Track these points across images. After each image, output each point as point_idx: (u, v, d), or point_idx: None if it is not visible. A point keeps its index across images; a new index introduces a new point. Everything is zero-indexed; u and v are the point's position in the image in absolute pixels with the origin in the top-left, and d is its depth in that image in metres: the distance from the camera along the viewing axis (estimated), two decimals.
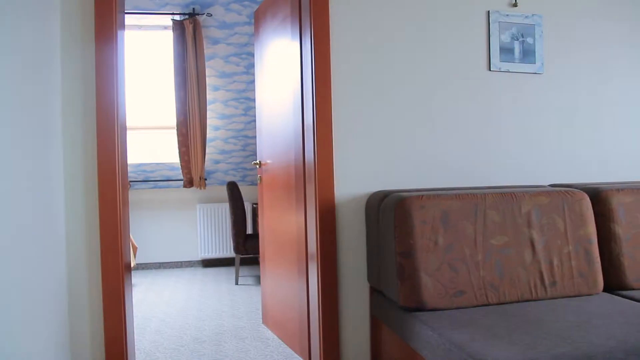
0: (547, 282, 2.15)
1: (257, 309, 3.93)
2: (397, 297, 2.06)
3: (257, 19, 3.49)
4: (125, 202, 2.45)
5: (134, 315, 2.72)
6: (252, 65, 5.31)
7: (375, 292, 2.43)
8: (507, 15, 2.70)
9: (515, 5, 2.71)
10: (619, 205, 2.36)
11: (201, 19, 5.19)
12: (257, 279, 5.05)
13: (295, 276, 2.86)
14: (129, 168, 5.41)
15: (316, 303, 2.51)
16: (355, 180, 2.49)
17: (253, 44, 5.18)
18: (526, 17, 2.72)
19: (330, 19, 2.47)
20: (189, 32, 5.17)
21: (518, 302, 2.11)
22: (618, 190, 2.40)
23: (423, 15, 2.59)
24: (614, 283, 2.32)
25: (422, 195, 2.09)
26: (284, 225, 3.04)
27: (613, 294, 2.29)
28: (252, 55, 5.27)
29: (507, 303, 2.09)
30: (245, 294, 4.43)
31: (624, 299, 2.13)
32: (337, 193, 2.47)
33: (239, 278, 5.10)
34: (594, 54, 2.89)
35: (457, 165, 2.64)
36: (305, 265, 2.69)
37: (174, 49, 5.29)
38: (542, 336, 1.66)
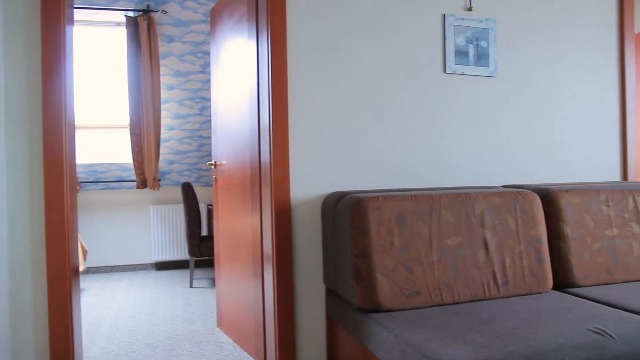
0: (499, 281, 2.19)
1: (212, 312, 3.86)
2: (353, 298, 2.05)
3: (214, 17, 3.43)
4: (74, 204, 2.36)
5: (83, 321, 2.62)
6: (208, 64, 5.23)
7: (331, 294, 2.41)
8: (462, 19, 2.73)
9: (470, 9, 2.76)
10: (567, 206, 2.42)
11: (156, 16, 5.07)
12: (212, 282, 4.97)
13: (251, 278, 2.82)
14: (79, 168, 5.28)
15: (272, 305, 2.48)
16: (311, 181, 2.48)
17: (209, 43, 5.11)
18: (480, 21, 2.77)
19: (287, 18, 2.45)
20: (143, 29, 5.05)
21: (472, 301, 2.13)
22: (567, 191, 2.46)
23: (380, 17, 2.60)
24: (562, 281, 2.38)
25: (378, 197, 2.09)
26: (239, 227, 3.00)
27: (561, 291, 2.35)
28: (208, 54, 5.19)
29: (461, 302, 2.11)
30: (200, 297, 4.35)
31: (572, 296, 2.19)
32: (293, 194, 2.45)
33: (194, 281, 5.01)
34: (545, 58, 2.96)
35: (413, 166, 2.65)
36: (261, 267, 2.65)
37: (127, 47, 5.15)
38: (495, 335, 1.68)
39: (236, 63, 2.99)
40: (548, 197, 2.45)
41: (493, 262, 2.19)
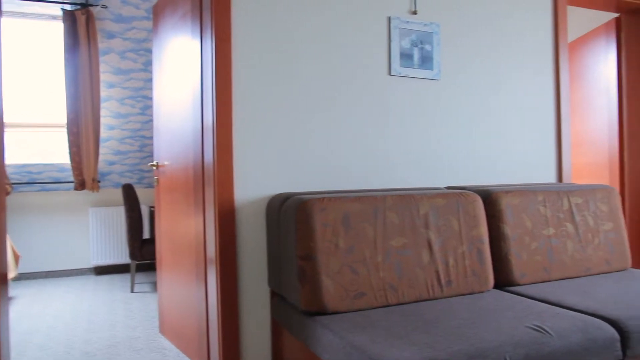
0: (443, 281, 2.22)
1: (154, 317, 3.75)
2: (298, 301, 2.03)
3: (156, 14, 3.33)
4: (2, 206, 2.23)
5: (13, 331, 2.48)
6: (151, 62, 5.08)
7: (276, 297, 2.38)
8: (407, 22, 2.76)
9: (415, 12, 2.79)
10: (507, 207, 2.49)
11: (95, 10, 4.88)
12: (154, 286, 4.83)
13: (194, 282, 2.75)
14: (11, 169, 5.02)
15: (215, 309, 2.42)
16: (256, 182, 2.44)
17: (152, 40, 4.96)
18: (425, 24, 2.81)
19: (232, 18, 2.40)
20: (81, 23, 4.85)
21: (416, 302, 2.15)
22: (507, 192, 2.53)
23: (327, 19, 2.59)
24: (503, 280, 2.44)
25: (324, 198, 2.08)
26: (182, 229, 2.92)
27: (502, 290, 2.41)
28: (151, 51, 5.04)
29: (405, 303, 2.13)
30: (142, 302, 4.22)
31: (512, 295, 2.24)
32: (237, 196, 2.40)
33: (135, 285, 4.85)
34: (486, 63, 3.04)
35: (358, 168, 2.66)
36: (204, 271, 2.59)
37: (64, 41, 4.93)
38: (439, 335, 1.70)
39: (179, 62, 2.91)
40: (489, 198, 2.51)
41: (437, 263, 2.22)
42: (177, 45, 2.95)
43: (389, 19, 2.73)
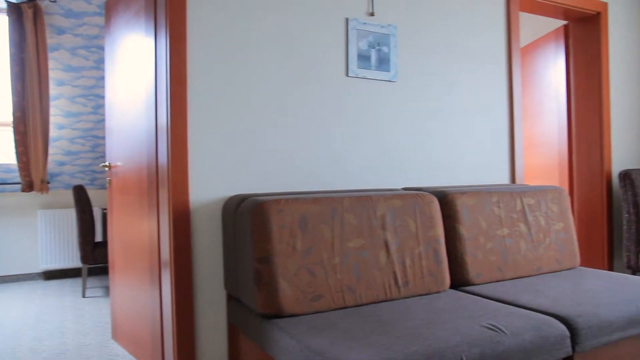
0: (400, 282, 2.22)
1: (107, 323, 3.63)
2: (255, 304, 2.00)
3: (108, 10, 3.23)
4: None
5: None
6: (103, 60, 4.94)
7: (233, 300, 2.34)
8: (365, 23, 2.77)
9: (372, 14, 2.80)
10: (463, 207, 2.52)
11: (43, 4, 4.70)
12: (107, 291, 4.69)
13: (148, 286, 2.67)
14: None
15: (170, 313, 2.36)
16: (211, 184, 2.39)
17: (104, 37, 4.82)
18: (382, 26, 2.82)
19: (187, 15, 2.34)
20: (27, 17, 4.66)
21: (374, 303, 2.15)
22: (462, 193, 2.56)
23: (285, 19, 2.57)
24: (459, 280, 2.48)
25: (280, 200, 2.05)
26: (135, 232, 2.84)
27: (458, 290, 2.44)
28: (103, 48, 4.90)
29: (363, 305, 2.12)
30: (93, 308, 4.09)
31: (467, 294, 2.27)
32: (192, 197, 2.35)
33: (87, 290, 4.70)
34: (442, 66, 3.08)
35: (315, 169, 2.65)
36: (158, 274, 2.52)
37: (9, 36, 4.73)
38: (397, 336, 1.70)
39: (133, 60, 2.83)
40: (445, 199, 2.53)
41: (394, 264, 2.23)
42: (130, 43, 2.87)
43: (347, 20, 2.73)
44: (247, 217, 2.05)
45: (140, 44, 2.69)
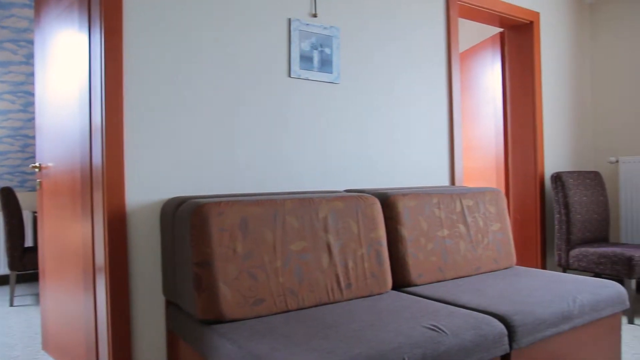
0: (343, 284, 2.22)
1: (36, 333, 3.45)
2: (194, 310, 1.94)
3: (38, 2, 3.07)
4: None
5: None
6: (33, 55, 4.70)
7: (172, 306, 2.27)
8: (308, 24, 2.75)
9: (315, 15, 2.79)
10: (404, 209, 2.55)
11: None
12: (37, 298, 4.46)
13: (81, 293, 2.55)
14: None
15: (105, 321, 2.26)
16: (149, 186, 2.31)
17: (33, 30, 4.59)
18: (325, 28, 2.81)
19: (124, 10, 2.25)
20: None
21: (317, 306, 2.13)
22: (404, 195, 2.59)
23: (226, 18, 2.51)
24: (401, 281, 2.50)
25: (221, 202, 2.00)
26: (68, 236, 2.70)
27: (400, 291, 2.46)
28: (33, 42, 4.66)
29: (306, 308, 2.10)
30: (22, 317, 3.87)
31: (409, 295, 2.29)
32: (129, 200, 2.26)
33: (15, 298, 4.46)
34: (384, 69, 3.11)
35: (257, 170, 2.60)
36: (93, 280, 2.41)
37: None
38: (340, 339, 1.68)
39: (65, 55, 2.70)
40: (387, 201, 2.55)
41: (336, 266, 2.22)
42: (62, 38, 2.73)
43: (289, 20, 2.70)
44: (186, 220, 1.99)
45: (73, 38, 2.57)
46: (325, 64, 2.81)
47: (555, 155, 4.36)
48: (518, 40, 4.27)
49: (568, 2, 4.53)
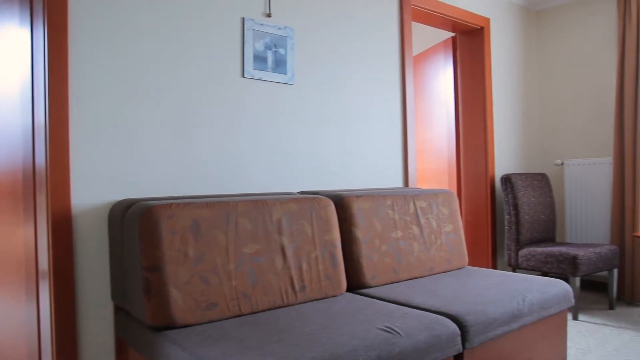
0: (297, 287, 2.19)
1: None
2: (144, 316, 1.87)
3: None
4: None
5: None
6: None
7: (121, 312, 2.19)
8: (262, 24, 2.72)
9: (269, 15, 2.76)
10: (358, 211, 2.55)
11: None
12: None
13: (23, 300, 2.43)
14: None
15: (48, 330, 2.16)
16: (97, 187, 2.22)
17: None
18: (279, 28, 2.79)
19: (69, 5, 2.16)
20: None
21: (270, 309, 2.10)
22: (358, 197, 2.59)
23: (178, 15, 2.45)
24: (355, 283, 2.49)
25: (171, 204, 1.95)
26: (9, 241, 2.57)
27: (354, 293, 2.46)
28: None
29: (259, 312, 2.07)
30: None
31: (364, 297, 2.29)
32: (75, 202, 2.17)
33: None
34: (339, 71, 3.11)
35: (209, 172, 2.55)
36: (36, 286, 2.30)
37: None
38: (294, 343, 1.66)
39: (5, 50, 2.57)
40: (341, 203, 2.55)
41: (290, 268, 2.19)
42: (2, 32, 2.60)
43: (243, 19, 2.66)
44: (135, 223, 1.92)
45: (14, 33, 2.45)
46: (280, 65, 2.79)
47: (505, 157, 4.47)
48: (469, 44, 4.35)
49: (516, 9, 4.66)
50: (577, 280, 3.52)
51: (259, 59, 2.71)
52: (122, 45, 2.30)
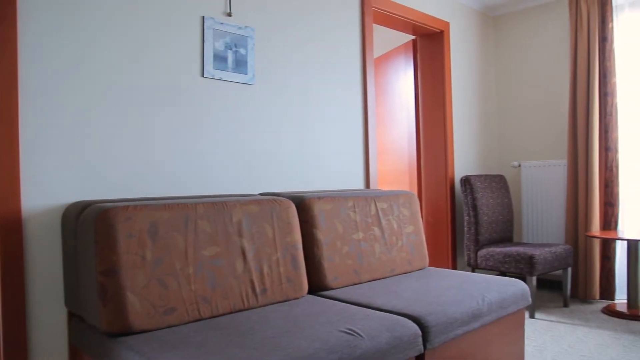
0: (257, 290, 2.16)
1: None
2: (100, 322, 1.81)
3: None
4: None
5: None
6: None
7: (75, 318, 2.11)
8: (222, 23, 2.68)
9: (229, 14, 2.72)
10: (319, 212, 2.53)
11: None
12: None
13: None
14: None
15: None
16: (49, 189, 2.14)
17: None
18: (240, 28, 2.75)
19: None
20: None
21: (231, 313, 2.07)
22: (319, 198, 2.58)
23: (135, 11, 2.39)
24: (317, 285, 2.48)
25: (128, 206, 1.89)
26: None
27: (316, 295, 2.45)
28: None
29: (220, 316, 2.03)
30: None
31: (325, 299, 2.28)
32: (25, 205, 2.08)
33: None
34: (300, 72, 3.09)
35: (168, 173, 2.50)
36: None
37: None
38: (254, 347, 1.63)
39: None
40: (302, 204, 2.53)
41: (251, 271, 2.16)
42: None
43: (203, 18, 2.62)
44: (90, 226, 1.86)
45: None
46: (240, 65, 2.75)
47: (464, 159, 4.55)
48: (429, 48, 4.41)
49: (475, 14, 4.75)
50: (534, 280, 3.60)
51: (219, 59, 2.67)
52: (76, 43, 2.22)
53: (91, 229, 1.84)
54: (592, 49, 4.06)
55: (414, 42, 4.51)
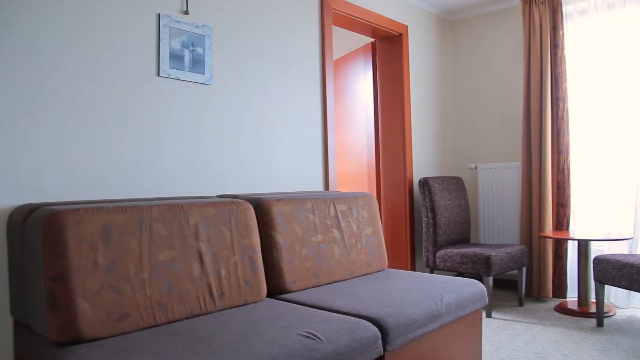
0: (215, 294, 2.12)
1: None
2: (48, 331, 1.73)
3: None
4: None
5: None
6: None
7: (21, 327, 2.01)
8: (179, 21, 2.62)
9: (186, 13, 2.66)
10: (278, 215, 2.50)
11: None
12: None
13: None
14: None
15: None
16: None
17: None
18: (197, 26, 2.70)
19: None
20: None
21: (188, 318, 2.02)
22: (278, 200, 2.55)
23: (88, 7, 2.30)
24: (276, 288, 2.45)
25: (79, 209, 1.82)
26: None
27: (275, 298, 2.42)
28: None
29: (176, 321, 1.97)
30: None
31: (285, 303, 2.25)
32: None
33: None
34: (259, 73, 3.05)
35: (122, 175, 2.42)
36: None
37: None
38: (212, 353, 1.59)
39: None
40: (260, 207, 2.49)
41: (208, 275, 2.12)
42: None
43: (159, 16, 2.55)
44: (37, 230, 1.77)
45: None
46: (197, 64, 2.70)
47: (423, 161, 4.60)
48: (388, 50, 4.44)
49: (433, 18, 4.81)
50: (490, 280, 3.66)
51: (176, 58, 2.61)
52: (23, 38, 2.13)
53: (39, 232, 1.76)
54: (545, 55, 4.17)
55: (373, 44, 4.54)
